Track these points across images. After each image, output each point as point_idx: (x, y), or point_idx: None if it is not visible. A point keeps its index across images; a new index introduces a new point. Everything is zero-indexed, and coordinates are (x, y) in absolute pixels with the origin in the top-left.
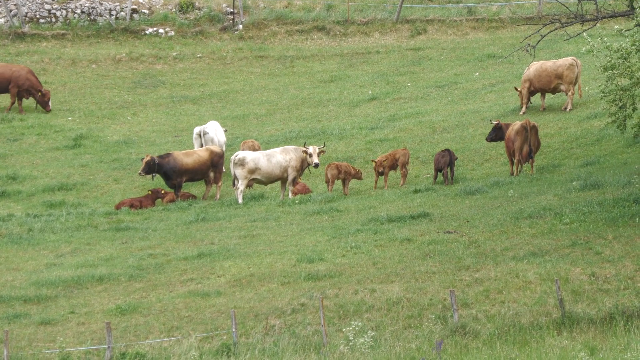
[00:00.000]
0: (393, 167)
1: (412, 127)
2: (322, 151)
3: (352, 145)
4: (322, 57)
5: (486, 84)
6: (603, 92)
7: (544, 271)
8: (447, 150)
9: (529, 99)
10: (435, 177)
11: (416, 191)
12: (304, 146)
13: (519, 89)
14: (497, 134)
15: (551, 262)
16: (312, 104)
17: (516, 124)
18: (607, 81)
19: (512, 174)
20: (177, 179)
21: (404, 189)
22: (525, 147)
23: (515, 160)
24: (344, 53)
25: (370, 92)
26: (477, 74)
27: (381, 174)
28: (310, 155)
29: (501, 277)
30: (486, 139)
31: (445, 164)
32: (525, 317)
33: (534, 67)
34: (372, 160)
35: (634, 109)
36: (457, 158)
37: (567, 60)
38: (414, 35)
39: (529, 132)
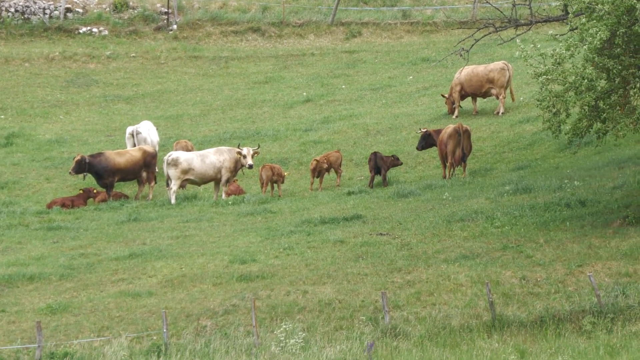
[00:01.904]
0: (327, 169)
1: (346, 130)
2: (256, 152)
3: (286, 146)
4: (257, 59)
5: (420, 87)
6: (538, 100)
7: (475, 274)
8: (375, 153)
9: (459, 103)
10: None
11: (349, 193)
12: (238, 147)
13: (446, 96)
14: (427, 141)
15: (482, 265)
16: (246, 105)
17: (449, 128)
18: (541, 88)
19: (444, 177)
20: (109, 179)
21: (338, 191)
22: (457, 151)
23: (447, 164)
24: (278, 54)
25: (304, 94)
26: (411, 77)
27: (319, 175)
28: (245, 157)
29: (432, 279)
30: (417, 148)
31: (372, 166)
32: (456, 319)
33: (465, 72)
34: (315, 160)
35: (568, 115)
36: (393, 161)
37: (498, 64)
38: (349, 38)
39: (462, 136)
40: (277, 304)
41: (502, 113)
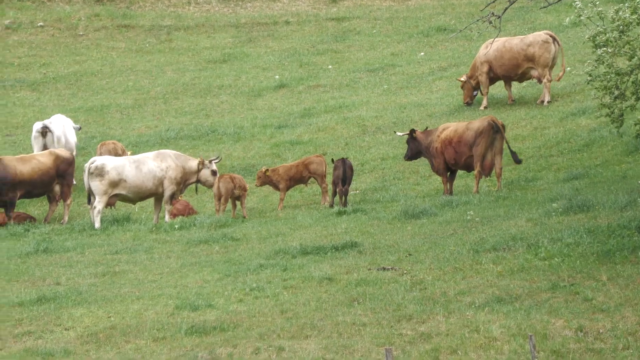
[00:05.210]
0: (302, 180)
1: (335, 126)
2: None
3: (253, 149)
4: (211, 29)
5: (434, 67)
6: (590, 75)
7: (513, 324)
8: (343, 159)
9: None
10: (334, 196)
11: (340, 213)
12: (210, 160)
13: (463, 79)
14: (414, 147)
15: (523, 311)
16: (197, 92)
17: (474, 123)
18: (596, 61)
19: (446, 192)
20: (9, 194)
21: (325, 210)
22: (489, 155)
23: (475, 173)
24: (240, 23)
25: (277, 77)
26: (423, 53)
27: (277, 188)
28: (214, 173)
29: (455, 331)
30: (405, 159)
31: (338, 177)
32: None
33: (495, 46)
34: (265, 170)
35: (637, 99)
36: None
37: (541, 35)
38: (337, 0)
39: (499, 134)
40: None
41: (548, 102)
